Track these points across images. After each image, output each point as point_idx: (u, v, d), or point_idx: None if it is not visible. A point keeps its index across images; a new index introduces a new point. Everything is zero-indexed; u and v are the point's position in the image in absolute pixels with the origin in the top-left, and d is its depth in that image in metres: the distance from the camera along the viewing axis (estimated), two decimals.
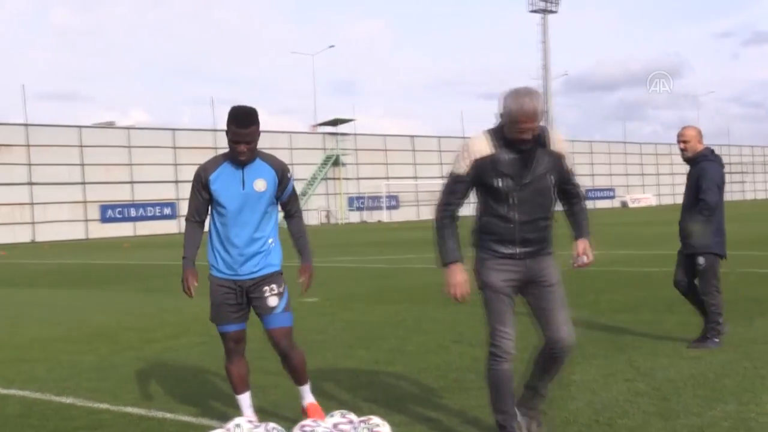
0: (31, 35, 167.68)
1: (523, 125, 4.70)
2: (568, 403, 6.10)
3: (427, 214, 78.99)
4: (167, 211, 64.45)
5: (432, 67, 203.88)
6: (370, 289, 15.20)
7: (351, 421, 5.24)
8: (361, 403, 6.38)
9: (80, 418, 6.37)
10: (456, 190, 4.93)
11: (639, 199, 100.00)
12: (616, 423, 5.56)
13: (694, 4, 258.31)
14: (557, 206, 5.12)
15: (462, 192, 4.94)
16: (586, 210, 5.23)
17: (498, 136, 4.85)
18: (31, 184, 58.38)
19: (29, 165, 58.31)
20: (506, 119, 4.75)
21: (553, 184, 4.94)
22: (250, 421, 5.36)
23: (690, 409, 5.82)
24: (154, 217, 63.83)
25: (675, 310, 10.11)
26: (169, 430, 5.93)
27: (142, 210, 63.47)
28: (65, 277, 22.40)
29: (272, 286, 5.59)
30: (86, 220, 61.05)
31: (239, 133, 5.42)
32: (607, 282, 14.25)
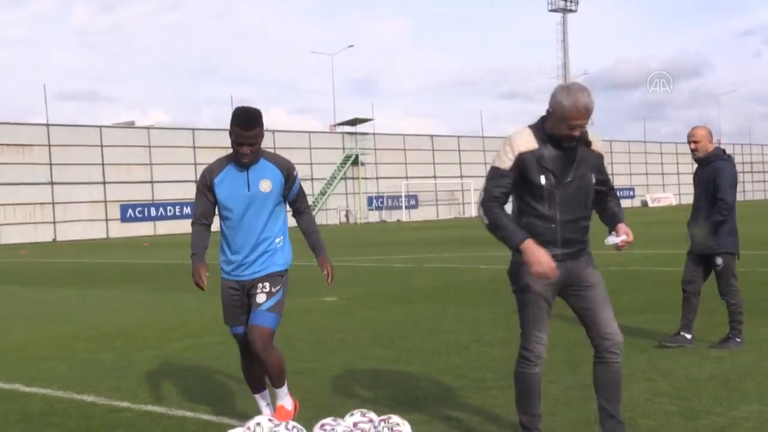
0: (53, 36, 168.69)
1: (575, 122, 4.60)
2: (589, 403, 6.05)
3: (446, 213, 79.03)
4: (187, 211, 64.64)
5: (451, 66, 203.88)
6: (390, 289, 15.19)
7: (371, 420, 5.23)
8: (381, 402, 6.37)
9: (101, 416, 6.40)
10: (501, 184, 4.73)
11: (659, 198, 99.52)
12: (637, 423, 5.53)
13: (715, 2, 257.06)
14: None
15: (506, 187, 4.74)
16: (620, 205, 5.13)
17: (542, 132, 4.73)
18: (53, 184, 58.72)
19: (50, 165, 58.65)
20: (557, 115, 4.63)
21: (593, 184, 4.84)
22: (270, 420, 5.36)
23: (712, 410, 5.79)
24: (174, 217, 64.04)
25: (698, 309, 10.03)
26: (189, 429, 5.94)
27: (161, 209, 63.71)
28: (86, 276, 22.52)
29: (265, 284, 5.47)
30: (107, 220, 61.36)
31: (243, 135, 5.33)
32: (627, 281, 14.19)
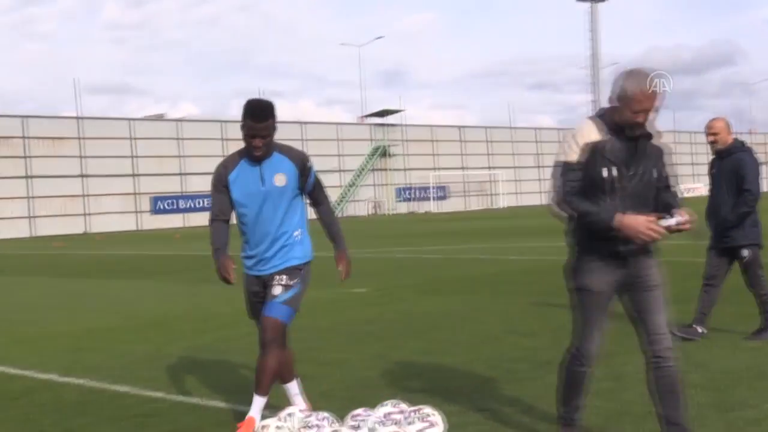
0: (84, 31, 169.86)
1: (640, 106, 4.42)
2: (622, 394, 6.04)
3: (475, 204, 78.88)
4: None
5: (479, 57, 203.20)
6: (420, 280, 15.19)
7: (403, 411, 5.24)
8: (413, 392, 6.37)
9: (136, 407, 6.46)
10: (571, 178, 4.54)
11: (691, 188, 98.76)
12: None
13: None
14: None
15: (577, 181, 4.54)
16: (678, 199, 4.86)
17: (606, 123, 4.57)
18: (85, 177, 59.21)
19: (82, 157, 59.14)
20: (621, 101, 4.46)
21: (657, 179, 4.65)
22: (302, 411, 5.39)
23: (746, 402, 5.74)
24: (204, 209, 64.25)
25: (731, 300, 9.93)
26: (223, 419, 5.98)
27: (191, 201, 64.03)
28: (118, 267, 22.70)
29: (282, 277, 5.40)
30: (138, 212, 61.80)
31: (255, 127, 5.25)
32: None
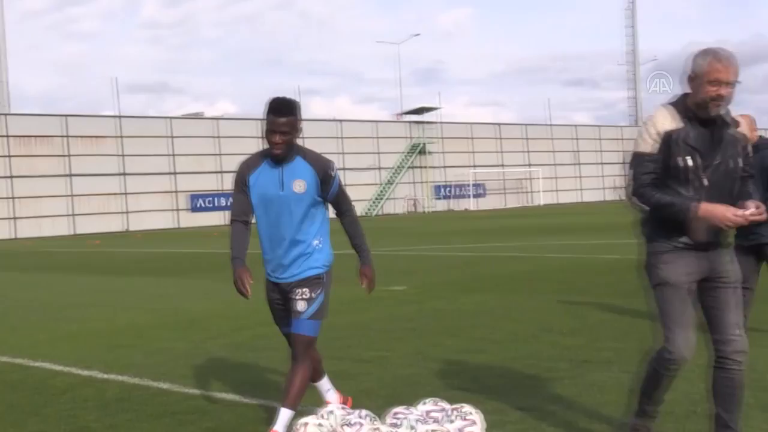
0: (123, 30, 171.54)
1: (718, 76, 4.22)
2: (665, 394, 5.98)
3: (514, 202, 78.52)
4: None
5: (516, 54, 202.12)
6: (458, 278, 15.17)
7: (443, 409, 5.23)
8: (452, 390, 6.36)
9: (176, 404, 6.51)
10: (649, 170, 4.37)
11: None
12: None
13: None
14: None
15: (655, 172, 4.36)
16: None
17: (682, 109, 4.38)
18: (124, 175, 59.74)
19: (122, 156, 59.67)
20: (698, 78, 4.29)
21: (738, 168, 4.45)
22: (342, 408, 5.39)
23: None
24: None
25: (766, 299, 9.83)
26: (263, 416, 6.01)
27: (230, 199, 64.16)
28: (157, 265, 22.89)
29: (304, 290, 5.28)
30: (176, 210, 62.22)
31: (275, 122, 5.16)
32: None
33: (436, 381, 6.86)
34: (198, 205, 63.26)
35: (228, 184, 64.17)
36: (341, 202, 5.44)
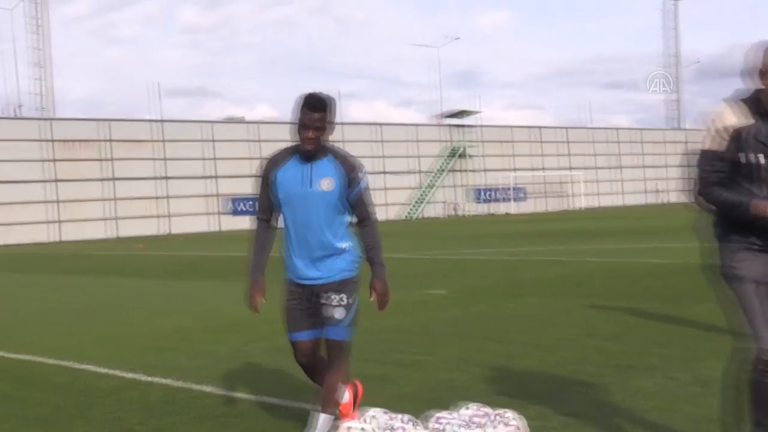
0: (162, 34, 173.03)
1: None
2: (709, 400, 5.91)
3: (555, 205, 78.09)
4: None
5: (554, 57, 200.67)
6: (499, 282, 15.10)
7: (487, 414, 5.20)
8: (495, 396, 6.32)
9: (220, 407, 6.55)
10: (717, 168, 4.21)
11: None
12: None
13: None
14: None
15: (723, 170, 4.22)
16: None
17: (753, 105, 4.21)
18: (166, 179, 60.26)
19: (164, 160, 60.19)
20: (765, 75, 4.12)
21: None
22: (385, 412, 5.38)
23: None
24: None
25: None
26: (303, 420, 5.99)
27: None
28: (199, 268, 23.03)
29: (342, 297, 5.17)
30: (218, 213, 62.64)
31: (309, 116, 5.00)
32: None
33: (478, 386, 6.83)
34: (239, 209, 63.64)
35: None
36: (361, 209, 5.22)
